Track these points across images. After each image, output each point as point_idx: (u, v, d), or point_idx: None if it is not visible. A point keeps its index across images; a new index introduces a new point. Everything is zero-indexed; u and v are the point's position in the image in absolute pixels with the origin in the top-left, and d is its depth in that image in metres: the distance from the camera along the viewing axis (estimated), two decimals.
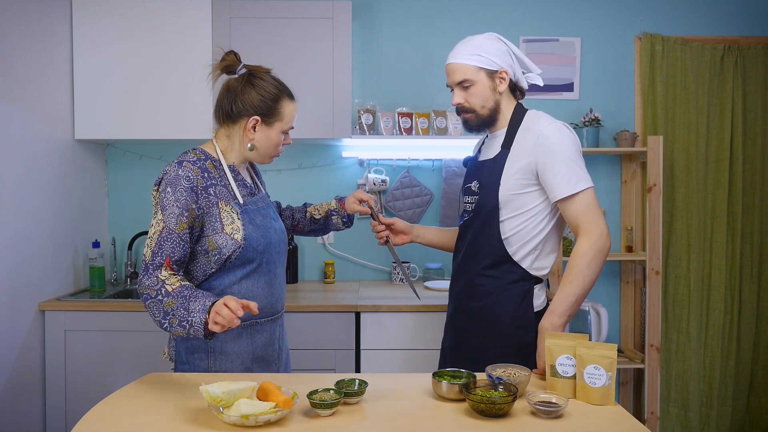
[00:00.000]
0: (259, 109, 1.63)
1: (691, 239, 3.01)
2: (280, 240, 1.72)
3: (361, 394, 1.39)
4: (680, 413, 3.05)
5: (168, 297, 1.48)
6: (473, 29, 3.06)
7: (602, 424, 1.29)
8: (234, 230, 1.58)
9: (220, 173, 1.64)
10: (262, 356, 1.69)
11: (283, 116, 1.66)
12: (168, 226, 1.53)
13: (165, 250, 1.53)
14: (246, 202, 1.65)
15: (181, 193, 1.54)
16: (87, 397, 2.47)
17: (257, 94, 1.63)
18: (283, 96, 1.66)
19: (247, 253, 1.59)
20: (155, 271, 1.52)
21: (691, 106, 3.01)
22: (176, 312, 1.46)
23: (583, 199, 1.65)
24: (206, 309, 1.44)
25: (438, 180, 3.10)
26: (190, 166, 1.57)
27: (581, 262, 1.63)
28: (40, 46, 2.50)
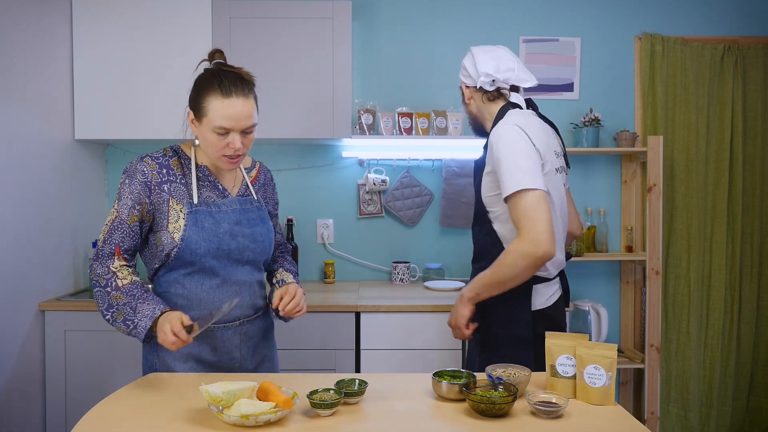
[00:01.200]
0: (191, 102, 1.56)
1: (691, 239, 3.01)
2: (243, 247, 1.62)
3: (361, 394, 1.39)
4: (680, 413, 3.05)
5: (116, 291, 1.53)
6: (473, 29, 3.09)
7: (602, 424, 1.29)
8: (175, 230, 1.56)
9: (185, 171, 1.62)
10: (214, 362, 1.64)
11: (208, 112, 1.50)
12: (120, 216, 1.56)
13: (114, 239, 1.56)
14: (201, 202, 1.60)
15: (135, 186, 1.56)
16: (87, 397, 2.47)
17: (194, 86, 1.56)
18: (211, 90, 1.50)
19: (184, 254, 1.56)
20: (107, 261, 1.56)
21: (691, 106, 3.01)
22: (122, 309, 1.51)
23: (519, 201, 1.62)
24: (154, 317, 1.48)
25: (438, 180, 3.10)
26: (149, 161, 1.59)
27: (504, 257, 1.67)
28: (40, 46, 2.50)
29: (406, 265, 2.98)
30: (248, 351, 1.70)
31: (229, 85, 1.51)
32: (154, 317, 1.48)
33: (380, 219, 3.11)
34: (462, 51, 3.06)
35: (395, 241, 3.11)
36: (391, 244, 3.12)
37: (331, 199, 3.10)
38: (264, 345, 1.76)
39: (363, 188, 3.08)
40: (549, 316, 1.78)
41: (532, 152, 1.66)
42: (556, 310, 1.82)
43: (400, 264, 2.97)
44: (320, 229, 3.09)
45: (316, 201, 3.10)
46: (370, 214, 3.09)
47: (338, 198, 3.10)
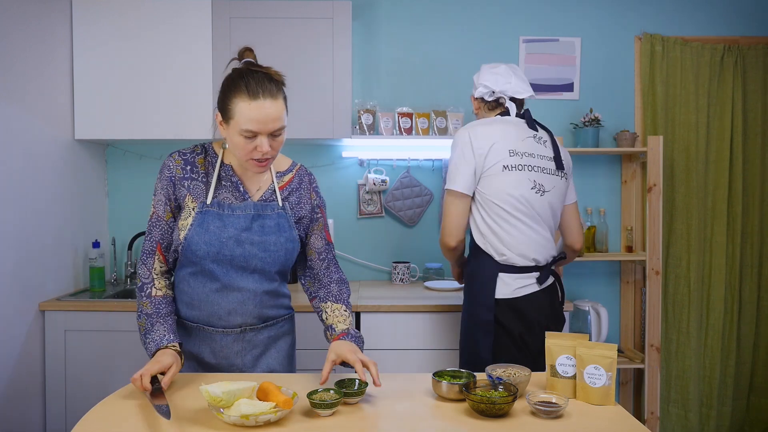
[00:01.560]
0: (219, 104, 1.52)
1: (691, 239, 3.01)
2: (249, 255, 1.57)
3: (361, 394, 1.39)
4: (680, 413, 3.05)
5: (147, 298, 1.57)
6: (473, 29, 3.09)
7: (602, 424, 1.29)
8: (182, 227, 1.56)
9: (209, 170, 1.60)
10: (213, 366, 1.64)
11: (234, 114, 1.45)
12: (157, 213, 1.59)
13: (154, 236, 1.59)
14: (214, 203, 1.56)
15: (164, 182, 1.58)
16: (87, 397, 2.47)
17: (222, 87, 1.51)
18: (237, 92, 1.45)
19: (186, 253, 1.56)
20: (149, 260, 1.59)
21: (691, 106, 3.01)
22: (144, 320, 1.56)
23: (444, 196, 1.99)
24: (159, 346, 1.50)
25: (438, 180, 3.10)
26: (176, 157, 1.59)
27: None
28: (40, 46, 2.50)
29: (406, 265, 2.98)
30: (251, 360, 1.66)
31: (256, 87, 1.45)
32: (158, 347, 1.50)
33: (380, 219, 3.12)
34: (462, 51, 3.08)
35: (395, 241, 3.11)
36: (391, 244, 3.12)
37: (331, 199, 3.10)
38: (272, 356, 1.69)
39: (363, 188, 3.08)
40: (515, 308, 1.91)
41: (467, 155, 1.92)
42: (527, 303, 1.92)
43: (400, 264, 2.98)
44: None
45: None
46: (370, 214, 3.09)
47: (338, 198, 3.10)
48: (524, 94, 2.04)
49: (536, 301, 1.94)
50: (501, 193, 1.91)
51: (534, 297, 1.94)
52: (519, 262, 1.92)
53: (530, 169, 1.94)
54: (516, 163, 1.92)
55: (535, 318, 1.94)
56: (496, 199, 1.91)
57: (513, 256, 1.92)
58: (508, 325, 1.90)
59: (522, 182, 1.92)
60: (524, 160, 1.93)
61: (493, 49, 3.08)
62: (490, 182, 1.91)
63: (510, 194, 1.91)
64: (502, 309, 1.91)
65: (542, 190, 1.95)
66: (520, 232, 1.91)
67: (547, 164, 1.98)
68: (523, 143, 1.96)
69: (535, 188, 1.93)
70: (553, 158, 2.00)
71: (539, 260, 1.95)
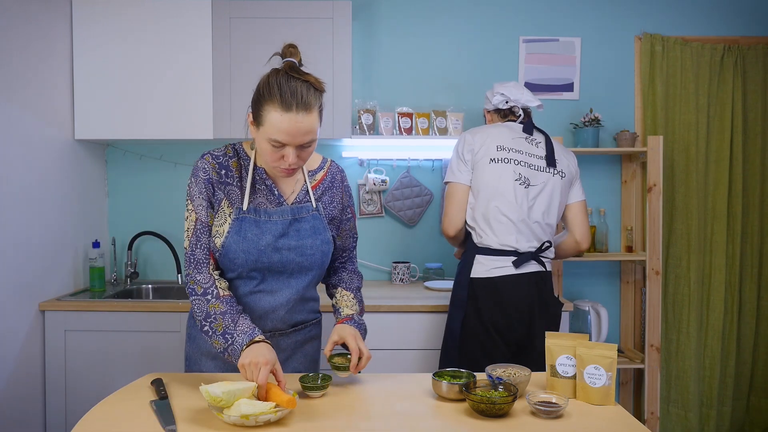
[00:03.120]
0: (252, 104, 1.46)
1: (691, 239, 3.01)
2: (286, 260, 1.54)
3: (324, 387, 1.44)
4: (680, 413, 3.05)
5: (216, 299, 1.46)
6: (473, 29, 3.09)
7: (602, 424, 1.29)
8: (218, 234, 1.52)
9: (242, 174, 1.55)
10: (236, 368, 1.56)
11: (265, 122, 1.41)
12: (200, 219, 1.51)
13: (203, 244, 1.51)
14: (251, 209, 1.52)
15: (201, 184, 1.51)
16: (87, 397, 2.47)
17: (257, 87, 1.46)
18: (271, 99, 1.40)
19: (223, 261, 1.52)
20: (203, 267, 1.50)
21: (691, 106, 3.01)
22: (222, 319, 1.44)
23: (445, 189, 2.20)
24: (252, 337, 1.41)
25: (438, 180, 3.10)
26: (209, 159, 1.52)
27: None
28: (40, 46, 2.50)
29: (406, 265, 2.98)
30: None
31: (291, 98, 1.39)
32: (253, 337, 1.41)
33: (380, 219, 3.12)
34: (462, 51, 3.09)
35: (395, 241, 3.11)
36: (391, 244, 3.12)
37: None
38: (298, 359, 1.68)
39: (363, 188, 3.08)
40: (492, 287, 2.07)
41: (464, 152, 2.15)
42: (504, 285, 2.07)
43: (400, 264, 2.98)
44: None
45: None
46: (370, 214, 3.09)
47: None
48: (534, 103, 2.26)
49: (515, 285, 2.07)
50: (485, 182, 2.11)
51: (511, 280, 2.07)
52: (495, 245, 2.09)
53: (516, 162, 2.12)
54: (502, 156, 2.12)
55: (511, 303, 2.06)
56: (481, 188, 2.12)
57: (489, 239, 2.09)
58: (479, 303, 2.07)
59: (506, 173, 2.10)
60: (510, 155, 2.13)
61: (493, 49, 3.08)
62: (477, 173, 2.13)
63: (493, 184, 2.10)
64: (477, 288, 2.09)
65: (527, 183, 2.11)
66: (498, 219, 2.09)
67: (536, 162, 2.15)
68: (512, 141, 2.16)
69: (519, 180, 2.11)
70: (545, 157, 2.16)
71: (518, 247, 2.09)
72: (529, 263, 2.10)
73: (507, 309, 2.06)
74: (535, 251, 2.11)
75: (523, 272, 2.08)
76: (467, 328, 2.09)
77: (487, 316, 2.06)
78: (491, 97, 2.29)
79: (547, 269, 2.16)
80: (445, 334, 2.17)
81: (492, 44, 3.09)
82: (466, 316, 2.09)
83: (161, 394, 1.40)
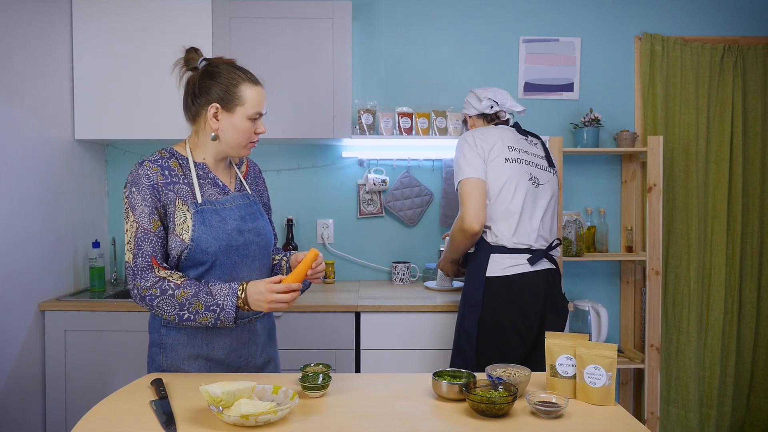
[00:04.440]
0: (218, 96, 1.58)
1: (691, 239, 3.01)
2: (249, 242, 1.64)
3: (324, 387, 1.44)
4: (680, 413, 3.05)
5: (179, 289, 1.51)
6: (473, 29, 3.09)
7: (602, 424, 1.29)
8: (183, 230, 1.55)
9: (185, 171, 1.61)
10: (222, 360, 1.65)
11: (245, 100, 1.58)
12: (142, 227, 1.53)
13: (145, 251, 1.53)
14: (206, 201, 1.60)
15: (145, 191, 1.53)
16: (87, 397, 2.47)
17: (214, 82, 1.59)
18: (243, 80, 1.59)
19: (195, 254, 1.56)
20: (148, 272, 1.52)
21: (691, 106, 3.01)
22: (198, 298, 1.50)
23: (460, 189, 2.13)
24: (235, 293, 1.51)
25: (438, 180, 3.10)
26: (150, 165, 1.57)
27: (449, 234, 2.28)
28: (40, 46, 2.50)
29: (406, 265, 2.98)
30: (255, 349, 1.70)
31: (253, 76, 1.62)
32: (235, 293, 1.51)
33: (380, 219, 3.12)
34: (462, 51, 3.08)
35: (395, 241, 3.11)
36: (391, 244, 3.12)
37: (331, 199, 3.10)
38: (269, 345, 1.77)
39: (363, 188, 3.08)
40: (508, 286, 2.07)
41: (475, 148, 2.13)
42: (520, 283, 2.07)
43: (400, 264, 2.98)
44: (320, 229, 3.09)
45: (316, 201, 3.10)
46: (370, 214, 3.09)
47: (338, 198, 3.10)
48: (519, 108, 2.30)
49: (530, 283, 2.08)
50: (501, 181, 2.11)
51: (527, 278, 2.08)
52: (510, 243, 2.10)
53: (527, 163, 2.17)
54: (515, 156, 2.16)
55: (529, 301, 2.08)
56: (497, 187, 2.11)
57: (505, 238, 2.10)
58: (496, 303, 2.07)
59: (521, 173, 2.14)
60: (521, 155, 2.17)
61: (493, 49, 3.08)
62: (492, 171, 2.12)
63: (509, 183, 2.11)
64: (493, 287, 2.08)
65: (537, 182, 2.17)
66: (514, 218, 2.10)
67: (540, 161, 2.22)
68: (518, 142, 2.21)
69: (531, 180, 2.15)
70: (545, 157, 2.25)
71: (531, 245, 2.11)
72: (542, 260, 2.12)
73: (523, 307, 2.07)
74: (546, 249, 2.14)
75: (537, 269, 2.11)
76: (484, 328, 2.08)
77: (505, 315, 2.07)
78: (476, 102, 2.29)
79: (557, 267, 2.19)
80: (458, 334, 2.16)
81: (492, 44, 3.09)
82: (482, 316, 2.08)
83: (161, 394, 1.40)
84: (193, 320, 1.51)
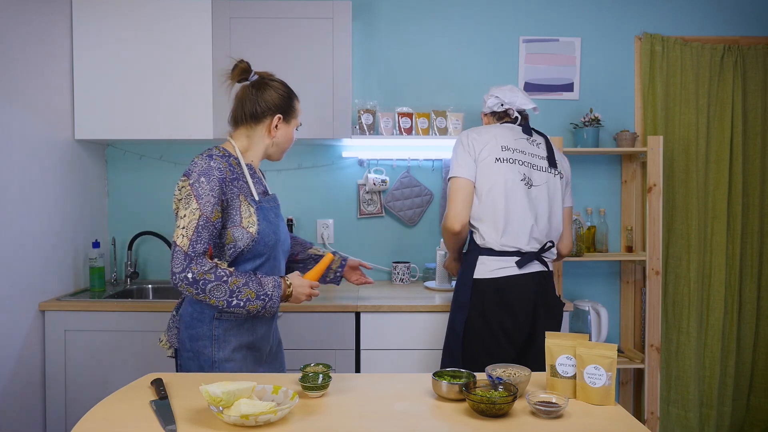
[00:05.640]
0: (280, 107, 1.78)
1: (691, 239, 3.01)
2: (285, 239, 1.83)
3: (324, 387, 1.44)
4: (680, 413, 3.05)
5: (232, 276, 1.61)
6: (473, 29, 3.09)
7: (602, 424, 1.29)
8: (250, 224, 1.67)
9: (240, 170, 1.73)
10: (258, 347, 1.79)
11: (298, 113, 1.85)
12: (205, 215, 1.60)
13: (204, 239, 1.60)
14: (261, 199, 1.75)
15: (215, 183, 1.63)
16: (87, 397, 2.47)
17: (277, 94, 1.78)
18: (295, 96, 1.84)
19: (258, 246, 1.68)
20: (204, 258, 1.60)
21: (691, 106, 3.01)
22: (249, 287, 1.63)
23: (448, 186, 2.17)
24: (279, 285, 1.69)
25: (438, 180, 3.10)
26: (219, 159, 1.67)
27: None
28: (40, 46, 2.50)
29: (406, 265, 2.98)
30: (274, 339, 1.89)
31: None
32: (279, 285, 1.68)
33: (380, 219, 3.12)
34: (462, 51, 3.09)
35: (395, 241, 3.11)
36: (391, 244, 3.12)
37: (331, 199, 3.10)
38: (276, 333, 1.93)
39: (363, 188, 3.08)
40: (496, 288, 2.06)
41: (467, 148, 2.13)
42: (507, 285, 2.06)
43: (400, 264, 2.98)
44: (320, 229, 3.09)
45: (316, 201, 3.10)
46: (370, 214, 3.09)
47: (338, 198, 3.10)
48: (529, 105, 2.26)
49: (519, 286, 2.07)
50: (490, 181, 2.09)
51: (515, 281, 2.06)
52: (498, 246, 2.08)
53: (520, 163, 2.13)
54: (507, 156, 2.12)
55: (517, 303, 2.06)
56: (486, 187, 2.10)
57: (493, 239, 2.08)
58: (484, 305, 2.06)
59: (511, 173, 2.10)
60: (515, 155, 2.13)
61: (493, 49, 3.09)
62: (482, 172, 2.11)
63: (498, 183, 2.09)
64: (480, 289, 2.07)
65: (531, 183, 2.12)
66: (502, 219, 2.08)
67: (539, 162, 2.16)
68: (515, 142, 2.16)
69: (524, 180, 2.11)
70: (546, 158, 2.18)
71: (521, 247, 2.08)
72: (532, 263, 2.10)
73: (512, 309, 2.06)
74: (537, 251, 2.11)
75: (526, 272, 2.08)
76: (471, 329, 2.08)
77: (493, 317, 2.06)
78: (487, 100, 2.32)
79: (549, 269, 2.16)
80: (448, 334, 2.17)
81: (492, 44, 3.09)
82: (469, 317, 2.08)
83: (161, 394, 1.40)
84: (242, 307, 1.62)
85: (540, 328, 2.07)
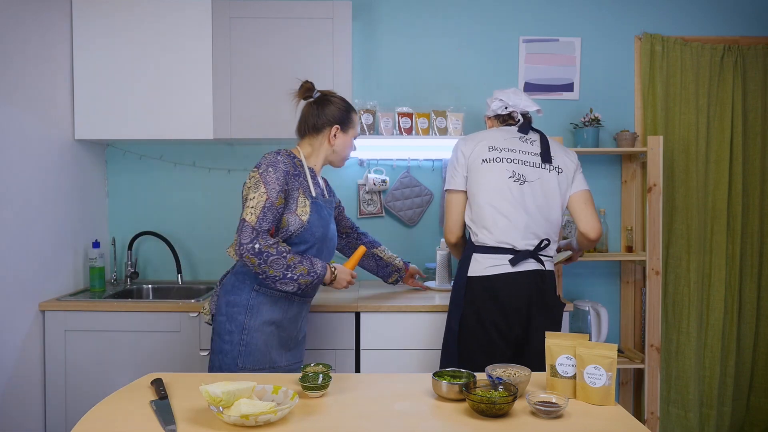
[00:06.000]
0: (338, 119, 2.04)
1: (691, 239, 3.01)
2: (333, 237, 2.07)
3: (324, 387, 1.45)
4: (680, 413, 3.05)
5: (290, 253, 1.86)
6: (473, 29, 3.09)
7: (602, 424, 1.29)
8: (303, 213, 1.92)
9: (302, 170, 2.00)
10: (286, 327, 1.99)
11: (355, 124, 2.10)
12: (271, 198, 1.85)
13: (268, 219, 1.85)
14: (317, 196, 2.00)
15: (280, 173, 1.89)
16: (87, 397, 2.47)
17: (336, 108, 2.05)
18: (353, 110, 2.10)
19: (305, 234, 1.93)
20: (267, 234, 1.84)
21: (691, 106, 3.01)
22: (302, 264, 1.88)
23: (444, 197, 2.28)
24: (326, 268, 1.94)
25: (438, 180, 3.10)
26: (285, 156, 1.95)
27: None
28: (40, 46, 2.50)
29: None
30: (303, 324, 2.09)
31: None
32: (326, 268, 1.94)
33: (380, 219, 3.12)
34: (462, 51, 3.09)
35: (395, 241, 3.11)
36: (391, 244, 3.11)
37: None
38: (304, 324, 2.13)
39: (363, 188, 3.08)
40: (489, 286, 2.07)
41: (459, 158, 2.20)
42: (500, 283, 2.07)
43: None
44: None
45: None
46: (370, 214, 3.09)
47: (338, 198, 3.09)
48: (533, 108, 2.29)
49: (512, 284, 2.06)
50: (479, 182, 2.14)
51: (508, 279, 2.06)
52: (491, 243, 2.10)
53: (509, 161, 2.14)
54: (494, 156, 2.15)
55: (509, 301, 2.06)
56: (476, 188, 2.14)
57: (486, 237, 2.11)
58: (477, 303, 2.08)
59: (499, 172, 2.12)
60: (503, 154, 2.15)
61: (493, 49, 3.09)
62: (472, 175, 2.17)
63: (486, 183, 2.12)
64: (474, 287, 2.10)
65: (522, 180, 2.12)
66: (494, 217, 2.10)
67: (531, 158, 2.16)
68: (505, 141, 2.18)
69: (513, 177, 2.12)
70: (540, 154, 2.17)
71: (515, 245, 2.08)
72: (527, 261, 2.08)
73: (504, 308, 2.05)
74: (533, 249, 2.09)
75: (520, 270, 2.07)
76: (465, 327, 2.10)
77: (486, 315, 2.06)
78: (491, 103, 2.33)
79: (547, 268, 2.13)
80: (445, 333, 2.18)
81: (492, 44, 3.09)
82: (463, 315, 2.10)
83: (161, 394, 1.40)
84: (295, 280, 1.85)
85: (534, 328, 2.06)
